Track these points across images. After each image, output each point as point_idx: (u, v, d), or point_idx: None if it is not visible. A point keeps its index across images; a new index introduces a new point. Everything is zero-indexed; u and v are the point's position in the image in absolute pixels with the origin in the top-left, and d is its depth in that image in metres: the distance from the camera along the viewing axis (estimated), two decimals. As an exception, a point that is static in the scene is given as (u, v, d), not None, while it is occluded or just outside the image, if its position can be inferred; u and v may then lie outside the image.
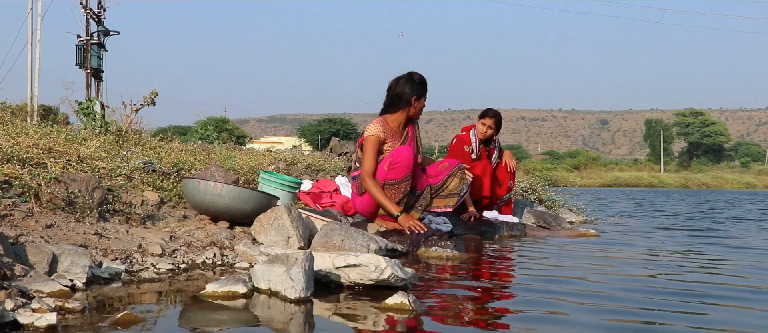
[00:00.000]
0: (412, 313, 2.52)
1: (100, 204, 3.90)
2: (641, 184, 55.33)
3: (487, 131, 6.08)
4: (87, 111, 8.21)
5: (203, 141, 13.42)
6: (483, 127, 6.09)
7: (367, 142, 4.72)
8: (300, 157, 9.61)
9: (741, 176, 63.13)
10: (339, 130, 61.89)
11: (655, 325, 2.45)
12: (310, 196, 5.75)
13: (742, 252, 4.99)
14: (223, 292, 2.73)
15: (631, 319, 2.54)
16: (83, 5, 20.33)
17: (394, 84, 4.81)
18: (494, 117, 6.12)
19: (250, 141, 47.42)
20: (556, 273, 3.78)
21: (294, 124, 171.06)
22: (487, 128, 6.08)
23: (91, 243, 3.41)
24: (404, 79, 4.80)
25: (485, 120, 6.10)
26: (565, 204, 8.50)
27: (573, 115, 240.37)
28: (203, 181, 4.22)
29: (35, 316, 2.16)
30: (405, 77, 4.80)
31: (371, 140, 4.71)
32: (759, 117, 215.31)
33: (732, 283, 3.49)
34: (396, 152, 4.63)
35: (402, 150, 4.61)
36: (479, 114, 6.22)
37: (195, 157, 6.74)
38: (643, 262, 4.35)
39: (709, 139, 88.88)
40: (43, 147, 4.61)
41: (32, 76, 20.28)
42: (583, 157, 79.62)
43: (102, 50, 20.79)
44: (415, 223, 4.55)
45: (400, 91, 4.78)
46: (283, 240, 3.92)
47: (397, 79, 4.82)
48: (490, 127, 6.09)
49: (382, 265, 2.95)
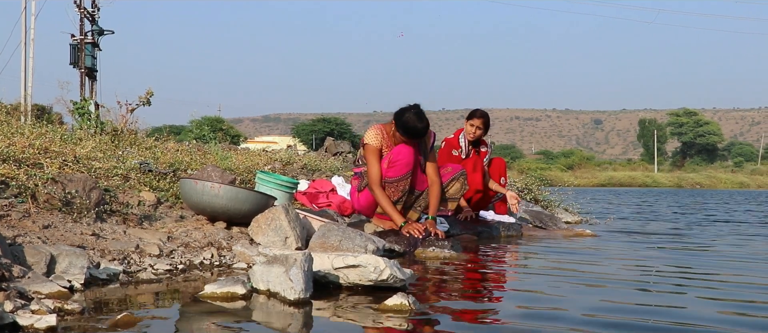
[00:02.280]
0: (412, 313, 2.52)
1: (97, 204, 3.89)
2: (635, 184, 55.49)
3: (476, 132, 6.09)
4: (81, 111, 8.20)
5: (198, 141, 13.38)
6: (471, 127, 6.09)
7: (366, 151, 4.71)
8: (296, 157, 9.61)
9: (734, 176, 63.38)
10: (333, 129, 61.78)
11: (649, 322, 2.46)
12: (306, 196, 5.75)
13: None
14: (222, 293, 2.73)
15: (627, 316, 2.55)
16: (77, 4, 20.26)
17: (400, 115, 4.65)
18: (482, 117, 6.13)
19: (244, 141, 47.30)
20: (553, 273, 3.79)
21: (288, 123, 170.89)
22: (476, 129, 6.09)
23: (88, 244, 3.40)
24: (397, 115, 4.65)
25: (473, 121, 6.11)
26: (561, 204, 8.51)
27: (567, 115, 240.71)
28: (200, 182, 4.21)
29: (35, 318, 2.15)
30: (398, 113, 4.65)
31: (370, 149, 4.70)
32: (752, 117, 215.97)
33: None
34: (396, 150, 4.63)
35: (402, 148, 4.61)
36: (467, 115, 6.23)
37: (191, 157, 6.73)
38: (638, 262, 4.36)
39: (703, 139, 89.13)
40: (39, 147, 4.59)
41: (26, 75, 20.19)
42: (577, 156, 79.73)
43: (96, 49, 20.69)
44: (415, 228, 4.52)
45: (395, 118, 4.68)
46: (281, 240, 3.91)
47: (400, 110, 4.66)
48: (479, 128, 6.10)
49: (381, 266, 2.95)
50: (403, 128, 4.62)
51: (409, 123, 4.59)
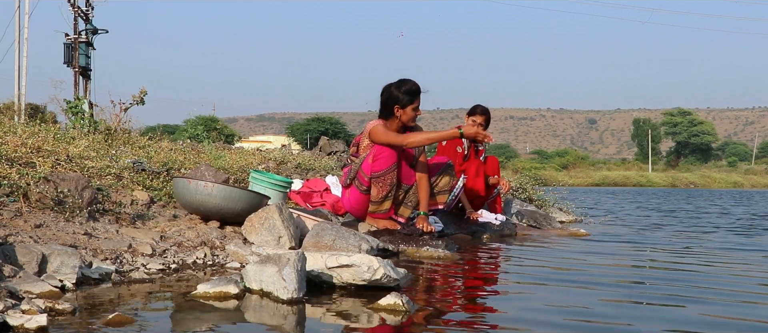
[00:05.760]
0: (405, 313, 2.51)
1: (90, 203, 3.87)
2: (629, 184, 55.52)
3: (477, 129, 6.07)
4: (75, 110, 8.16)
5: (193, 140, 13.35)
6: (473, 124, 6.08)
7: (375, 131, 4.69)
8: (290, 156, 9.59)
9: (728, 175, 63.46)
10: (328, 129, 61.73)
11: (645, 318, 2.46)
12: (300, 195, 5.73)
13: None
14: (215, 292, 2.71)
15: (621, 319, 2.55)
16: (71, 3, 20.18)
17: (384, 91, 4.77)
18: (483, 114, 6.12)
19: (238, 140, 47.21)
20: (547, 273, 3.78)
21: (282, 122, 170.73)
22: (478, 125, 6.08)
23: (80, 243, 3.38)
24: (393, 86, 4.74)
25: (475, 117, 6.10)
26: (555, 204, 8.51)
27: (561, 115, 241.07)
28: (194, 181, 4.20)
29: (25, 318, 2.14)
30: (394, 85, 4.75)
31: (379, 129, 4.69)
32: (746, 116, 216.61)
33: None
34: (378, 145, 4.64)
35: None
36: (468, 111, 6.21)
37: (185, 156, 6.71)
38: (632, 262, 4.36)
39: (697, 139, 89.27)
40: (32, 146, 4.57)
41: (19, 74, 20.14)
42: (572, 156, 79.78)
43: (90, 48, 20.61)
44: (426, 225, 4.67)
45: (386, 98, 4.75)
46: (274, 240, 3.90)
47: (387, 85, 4.77)
48: (480, 125, 6.09)
49: (375, 265, 2.95)
50: (404, 92, 4.69)
51: (413, 85, 4.71)
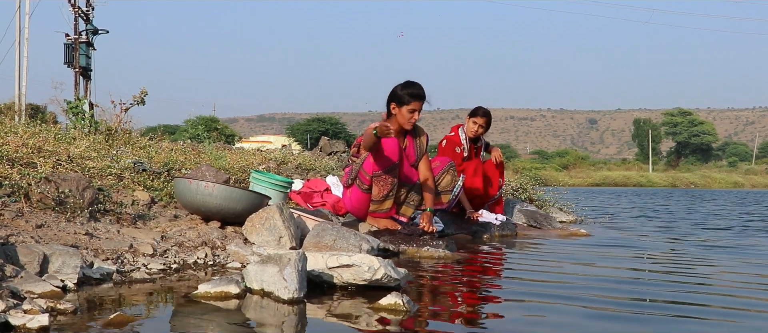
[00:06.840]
0: (406, 313, 2.52)
1: (91, 204, 3.88)
2: (630, 184, 55.51)
3: (478, 130, 6.10)
4: (76, 110, 8.16)
5: (193, 140, 13.35)
6: (474, 125, 6.10)
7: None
8: (290, 156, 9.59)
9: (728, 175, 63.44)
10: (328, 129, 61.72)
11: (644, 315, 2.47)
12: (301, 195, 5.74)
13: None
14: (216, 292, 2.72)
15: (621, 321, 2.55)
16: (71, 3, 20.19)
17: (401, 88, 4.82)
18: (485, 115, 6.14)
19: (239, 140, 47.22)
20: (547, 273, 3.79)
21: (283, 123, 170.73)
22: (479, 127, 6.10)
23: (81, 243, 3.39)
24: (399, 85, 4.81)
25: (477, 119, 6.11)
26: (556, 204, 8.52)
27: (562, 115, 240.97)
28: (195, 181, 4.20)
29: (27, 318, 2.14)
30: (401, 84, 4.82)
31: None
32: (746, 116, 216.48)
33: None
34: (381, 143, 4.66)
35: (385, 141, 4.64)
36: (469, 112, 6.23)
37: (185, 156, 6.71)
38: (632, 262, 4.36)
39: (697, 139, 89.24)
40: (33, 146, 4.57)
41: (20, 74, 20.17)
42: (572, 156, 79.72)
43: (90, 49, 20.62)
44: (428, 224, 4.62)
45: (389, 95, 4.81)
46: (275, 240, 3.91)
47: (397, 85, 4.83)
48: (482, 126, 6.11)
49: (375, 265, 2.95)
50: (408, 92, 4.74)
51: (416, 89, 4.77)
